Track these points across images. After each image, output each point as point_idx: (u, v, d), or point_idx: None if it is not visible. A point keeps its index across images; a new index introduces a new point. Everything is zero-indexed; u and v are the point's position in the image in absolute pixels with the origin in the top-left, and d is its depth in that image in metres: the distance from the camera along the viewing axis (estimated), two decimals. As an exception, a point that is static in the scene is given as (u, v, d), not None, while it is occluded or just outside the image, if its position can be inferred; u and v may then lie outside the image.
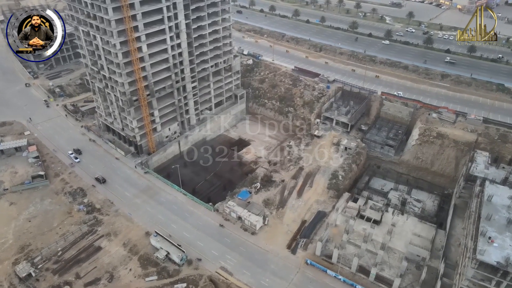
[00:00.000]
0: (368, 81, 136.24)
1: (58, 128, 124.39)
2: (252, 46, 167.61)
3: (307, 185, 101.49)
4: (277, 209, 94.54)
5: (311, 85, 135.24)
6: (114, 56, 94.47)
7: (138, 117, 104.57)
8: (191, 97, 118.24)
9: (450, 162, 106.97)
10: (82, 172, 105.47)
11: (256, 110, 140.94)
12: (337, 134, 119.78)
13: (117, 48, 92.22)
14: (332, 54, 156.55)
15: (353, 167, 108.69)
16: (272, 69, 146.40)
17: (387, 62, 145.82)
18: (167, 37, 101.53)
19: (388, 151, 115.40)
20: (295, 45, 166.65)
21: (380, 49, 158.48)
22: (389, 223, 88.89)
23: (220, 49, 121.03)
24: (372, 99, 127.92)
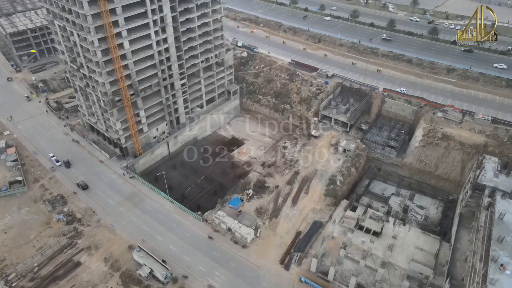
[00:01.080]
0: (369, 76, 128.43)
1: (39, 128, 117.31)
2: (247, 37, 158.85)
3: (302, 191, 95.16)
4: (270, 218, 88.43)
5: (308, 80, 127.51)
6: (93, 54, 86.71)
7: (122, 118, 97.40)
8: (180, 95, 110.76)
9: (456, 166, 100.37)
10: (63, 177, 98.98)
11: (250, 106, 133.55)
12: (336, 134, 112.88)
13: (96, 46, 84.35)
14: (331, 45, 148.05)
15: (352, 171, 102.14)
16: (267, 62, 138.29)
17: (390, 55, 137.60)
18: (151, 32, 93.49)
19: (390, 152, 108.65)
20: (293, 35, 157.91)
21: (382, 41, 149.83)
22: (390, 235, 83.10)
23: (211, 43, 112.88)
24: (373, 96, 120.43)
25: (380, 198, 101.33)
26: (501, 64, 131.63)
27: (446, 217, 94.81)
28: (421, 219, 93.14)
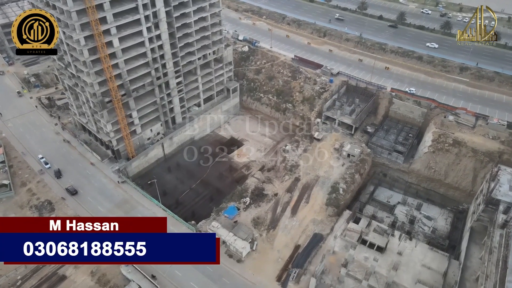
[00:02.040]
0: (376, 74, 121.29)
1: (30, 126, 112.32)
2: (249, 30, 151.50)
3: (303, 200, 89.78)
4: (268, 230, 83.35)
5: (312, 78, 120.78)
6: (79, 53, 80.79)
7: (113, 120, 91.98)
8: (175, 94, 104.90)
9: (467, 175, 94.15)
10: (52, 180, 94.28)
11: (250, 105, 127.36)
12: (340, 137, 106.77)
13: (82, 44, 78.36)
14: (337, 40, 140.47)
15: (356, 178, 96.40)
16: (269, 58, 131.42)
17: (399, 51, 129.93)
18: (143, 29, 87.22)
19: (397, 157, 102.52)
20: (297, 28, 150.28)
21: (391, 35, 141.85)
22: (395, 250, 77.73)
23: (209, 38, 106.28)
24: (380, 96, 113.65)
25: (385, 207, 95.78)
26: (433, 44, 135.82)
27: (456, 229, 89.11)
28: (428, 231, 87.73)
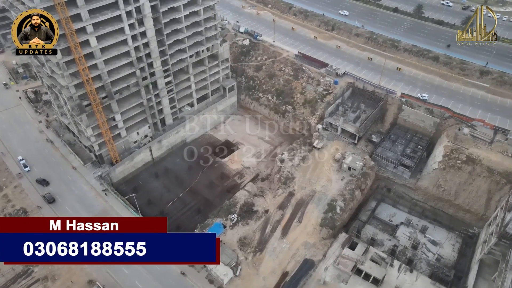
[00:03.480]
0: (387, 75, 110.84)
1: (14, 122, 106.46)
2: (252, 20, 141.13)
3: (295, 219, 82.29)
4: (255, 253, 76.46)
5: (315, 78, 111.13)
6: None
7: (93, 124, 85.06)
8: (164, 94, 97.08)
9: (480, 196, 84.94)
10: (30, 186, 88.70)
11: (248, 104, 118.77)
12: (341, 146, 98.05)
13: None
14: (346, 35, 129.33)
15: (356, 194, 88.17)
16: (271, 53, 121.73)
17: (413, 50, 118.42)
18: (125, 26, 78.86)
19: (403, 172, 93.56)
20: (303, 20, 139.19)
21: (406, 31, 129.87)
22: (393, 284, 70.37)
23: (202, 34, 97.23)
24: (388, 102, 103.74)
25: (387, 227, 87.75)
26: (344, 11, 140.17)
27: (463, 256, 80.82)
28: (433, 259, 79.70)
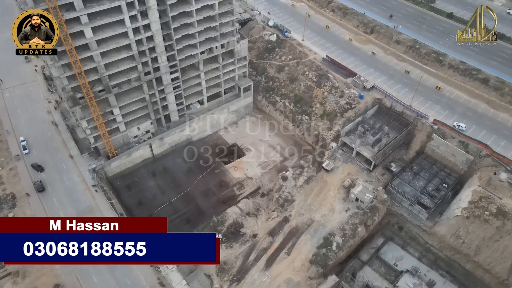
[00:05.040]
0: (422, 94, 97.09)
1: (26, 99, 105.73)
2: (285, 13, 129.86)
3: (284, 250, 74.57)
4: (231, 282, 70.16)
5: (339, 89, 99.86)
6: (42, 43, 68.73)
7: (89, 117, 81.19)
8: (170, 90, 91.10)
9: (506, 258, 72.09)
10: (25, 170, 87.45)
11: (264, 107, 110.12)
12: (354, 171, 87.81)
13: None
14: (385, 40, 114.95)
15: (358, 231, 78.48)
16: (297, 53, 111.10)
17: (460, 67, 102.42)
18: (125, 17, 72.63)
19: (419, 212, 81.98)
20: (341, 18, 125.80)
21: (456, 43, 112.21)
22: None
23: (216, 30, 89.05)
24: (417, 127, 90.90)
25: (389, 271, 77.83)
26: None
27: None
28: (435, 323, 69.50)
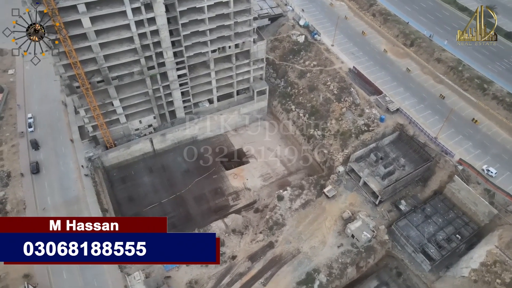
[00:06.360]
0: (454, 125, 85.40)
1: (44, 74, 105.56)
2: (321, 12, 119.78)
3: (261, 279, 69.15)
4: (198, 305, 66.41)
5: (360, 107, 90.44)
6: (38, 29, 66.23)
7: (87, 106, 78.99)
8: (176, 86, 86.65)
9: (511, 338, 62.14)
10: (25, 149, 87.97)
11: (278, 114, 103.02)
12: (358, 202, 79.63)
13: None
14: (425, 56, 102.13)
15: (348, 272, 71.09)
16: (322, 60, 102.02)
17: (506, 99, 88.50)
18: (127, 9, 68.20)
19: (422, 261, 72.77)
20: (381, 24, 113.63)
21: (509, 69, 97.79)
22: None
23: (231, 29, 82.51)
24: (439, 164, 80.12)
25: (376, 321, 70.40)
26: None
27: None
28: None
